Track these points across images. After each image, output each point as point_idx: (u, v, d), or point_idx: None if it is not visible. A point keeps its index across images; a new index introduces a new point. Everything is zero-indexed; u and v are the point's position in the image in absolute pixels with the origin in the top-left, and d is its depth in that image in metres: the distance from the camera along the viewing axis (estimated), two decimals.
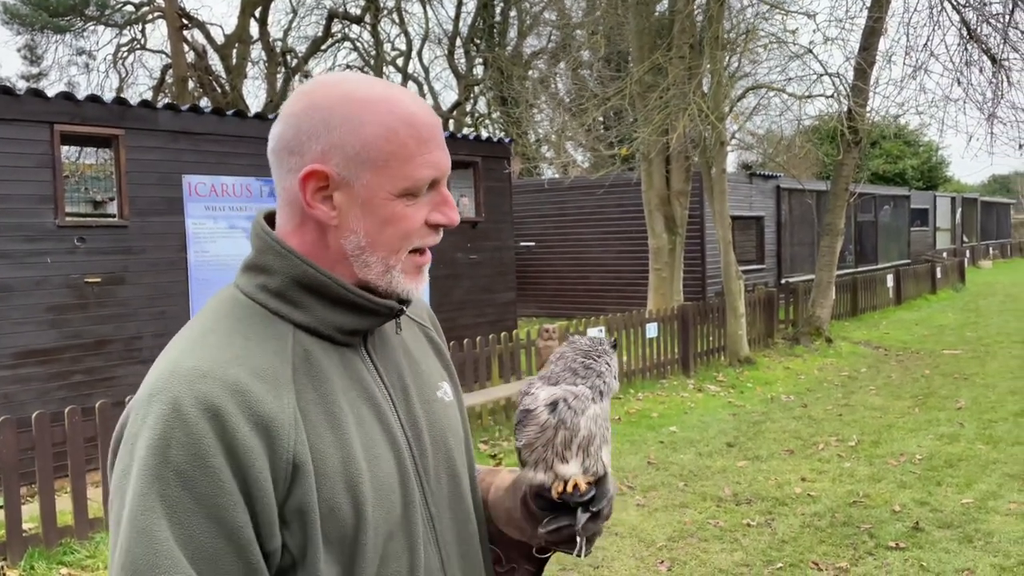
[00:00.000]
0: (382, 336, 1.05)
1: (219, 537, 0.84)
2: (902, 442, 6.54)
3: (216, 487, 0.84)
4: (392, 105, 0.96)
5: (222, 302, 0.99)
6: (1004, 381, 8.84)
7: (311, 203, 0.96)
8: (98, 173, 13.16)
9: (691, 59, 9.76)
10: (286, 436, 0.88)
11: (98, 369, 6.28)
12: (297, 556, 0.89)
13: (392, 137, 0.94)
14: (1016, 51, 11.02)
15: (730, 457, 6.26)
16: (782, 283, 14.78)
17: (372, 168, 0.95)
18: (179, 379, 0.87)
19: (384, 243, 0.97)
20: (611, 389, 1.06)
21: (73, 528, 4.58)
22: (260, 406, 0.87)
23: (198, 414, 0.84)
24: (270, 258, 0.97)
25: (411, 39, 24.17)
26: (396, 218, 0.96)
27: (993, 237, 33.18)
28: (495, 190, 10.34)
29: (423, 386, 1.08)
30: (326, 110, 0.95)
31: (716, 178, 10.14)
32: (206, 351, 0.91)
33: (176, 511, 0.83)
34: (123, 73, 22.09)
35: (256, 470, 0.86)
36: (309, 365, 0.95)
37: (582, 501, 1.02)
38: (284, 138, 0.97)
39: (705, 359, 9.81)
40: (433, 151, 0.97)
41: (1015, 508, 4.92)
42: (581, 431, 1.02)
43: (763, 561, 4.28)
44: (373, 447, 0.96)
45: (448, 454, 1.07)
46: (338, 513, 0.90)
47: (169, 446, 0.84)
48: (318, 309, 0.97)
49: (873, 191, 20.33)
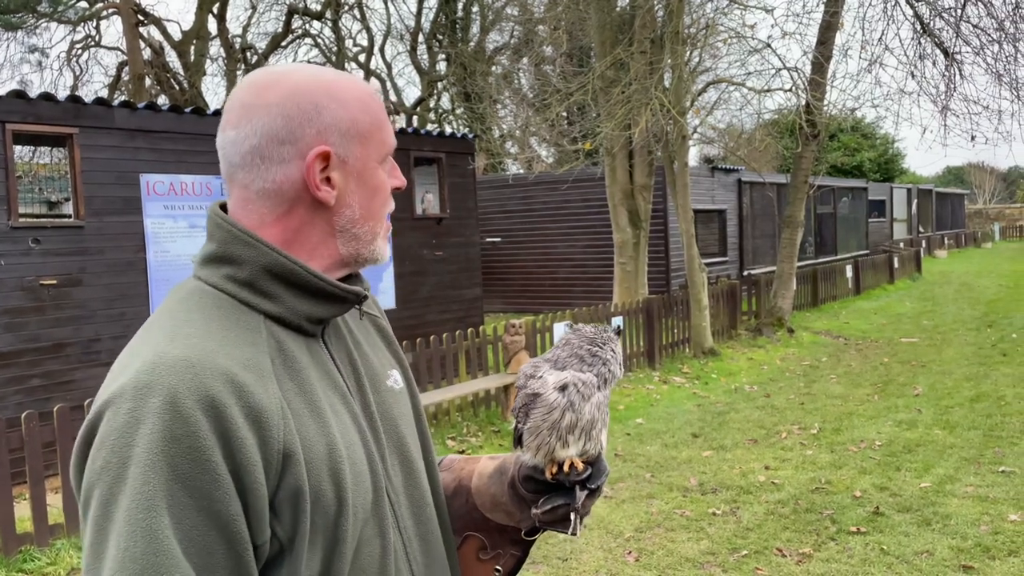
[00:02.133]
0: (335, 326, 1.05)
1: (212, 531, 0.83)
2: (862, 429, 6.67)
3: (213, 483, 0.83)
4: (353, 82, 1.02)
5: (189, 294, 0.97)
6: (960, 368, 9.06)
7: (320, 185, 0.97)
8: (53, 173, 12.88)
9: (652, 54, 9.83)
10: (276, 426, 0.88)
11: (56, 373, 6.15)
12: (285, 544, 0.89)
13: (367, 109, 1.00)
14: (968, 44, 11.29)
15: (695, 447, 6.33)
16: (744, 275, 14.96)
17: (361, 140, 1.00)
18: (169, 370, 0.85)
19: (373, 212, 1.02)
20: (615, 377, 1.08)
21: (33, 535, 4.49)
22: (252, 397, 0.87)
23: (195, 406, 0.83)
24: (237, 248, 0.96)
25: (373, 35, 24.00)
26: (380, 185, 1.03)
27: (948, 227, 33.93)
28: (459, 186, 10.32)
29: (374, 375, 1.08)
30: (309, 94, 0.97)
31: (678, 172, 10.23)
32: (189, 341, 0.88)
33: (175, 508, 0.82)
34: (77, 71, 21.61)
35: (250, 463, 0.85)
36: (284, 356, 0.95)
37: (579, 479, 1.04)
38: (271, 130, 0.96)
39: (670, 351, 9.91)
40: (387, 119, 1.04)
41: (971, 491, 5.05)
42: (585, 416, 1.04)
43: (729, 549, 4.34)
44: (347, 434, 0.97)
45: (401, 442, 1.08)
46: (323, 499, 0.91)
47: (169, 441, 0.82)
48: (288, 298, 0.96)
49: (832, 183, 20.66)
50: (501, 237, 15.65)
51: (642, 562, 4.24)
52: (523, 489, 1.08)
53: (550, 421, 1.03)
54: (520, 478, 1.07)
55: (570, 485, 1.04)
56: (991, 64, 11.20)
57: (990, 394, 7.64)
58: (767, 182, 15.12)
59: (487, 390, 7.31)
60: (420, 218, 9.81)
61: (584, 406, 1.04)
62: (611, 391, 1.09)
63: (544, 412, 1.04)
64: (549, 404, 1.04)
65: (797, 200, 11.82)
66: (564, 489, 1.05)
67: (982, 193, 53.17)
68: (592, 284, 14.25)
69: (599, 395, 1.05)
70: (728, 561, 4.19)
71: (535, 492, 1.07)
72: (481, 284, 10.71)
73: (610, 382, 1.07)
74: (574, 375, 1.05)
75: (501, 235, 15.65)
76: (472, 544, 1.19)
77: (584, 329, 1.10)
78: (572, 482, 1.04)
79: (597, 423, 1.05)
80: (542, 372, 1.07)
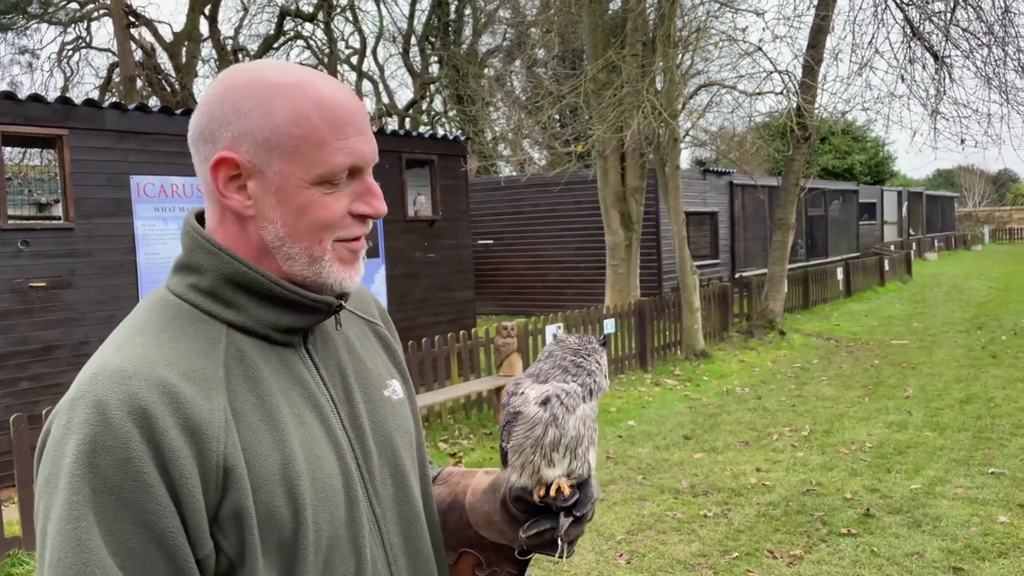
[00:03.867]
0: (323, 334, 1.03)
1: (150, 543, 0.81)
2: (853, 431, 6.69)
3: (145, 493, 0.81)
4: (306, 89, 0.92)
5: (152, 303, 0.96)
6: (950, 370, 9.10)
7: (224, 193, 0.92)
8: (43, 175, 12.82)
9: (644, 57, 9.86)
10: (215, 439, 0.85)
11: (45, 376, 6.12)
12: (236, 560, 0.87)
13: (303, 122, 0.90)
14: (957, 48, 11.35)
15: (687, 450, 6.34)
16: (736, 277, 15.01)
17: (283, 155, 0.91)
18: (104, 381, 0.84)
19: (303, 233, 0.93)
20: (601, 388, 1.03)
21: (21, 539, 4.46)
22: (189, 408, 0.84)
23: (124, 416, 0.81)
24: (200, 256, 0.95)
25: (365, 37, 24.00)
26: (313, 207, 0.92)
27: (938, 230, 34.10)
28: (452, 188, 10.32)
29: (368, 385, 1.05)
30: (236, 95, 0.92)
31: (670, 175, 10.25)
32: (133, 352, 0.87)
33: (106, 519, 0.80)
34: (68, 72, 21.54)
35: (185, 475, 0.83)
36: (244, 366, 0.92)
37: (565, 506, 1.00)
38: (199, 126, 0.94)
39: (662, 353, 9.92)
40: (351, 137, 0.93)
41: (961, 492, 5.07)
42: (570, 432, 0.99)
43: (720, 551, 4.34)
44: (314, 447, 0.94)
45: (394, 454, 1.05)
46: (276, 516, 0.88)
47: (96, 451, 0.80)
48: (251, 307, 0.94)
49: (823, 186, 20.75)
50: (493, 239, 15.66)
51: (633, 564, 4.24)
52: (514, 509, 1.04)
53: (532, 438, 0.99)
54: (511, 498, 1.03)
55: (556, 510, 1.00)
56: (980, 67, 11.28)
57: (980, 396, 7.68)
58: (759, 185, 15.18)
59: (479, 392, 7.30)
60: (412, 220, 9.80)
61: (568, 419, 0.99)
62: (598, 404, 1.04)
63: (526, 429, 0.99)
64: (531, 420, 0.99)
65: (788, 203, 11.87)
66: (552, 511, 1.00)
67: (972, 196, 53.46)
68: (584, 286, 14.27)
69: (584, 407, 1.00)
70: (719, 563, 4.20)
71: (526, 512, 1.03)
72: (473, 286, 10.72)
73: (596, 394, 1.02)
74: (556, 386, 1.00)
75: (493, 237, 15.66)
76: (468, 561, 1.15)
77: (568, 340, 1.06)
78: (557, 507, 1.00)
79: (583, 440, 1.00)
80: (523, 388, 1.02)
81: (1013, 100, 11.21)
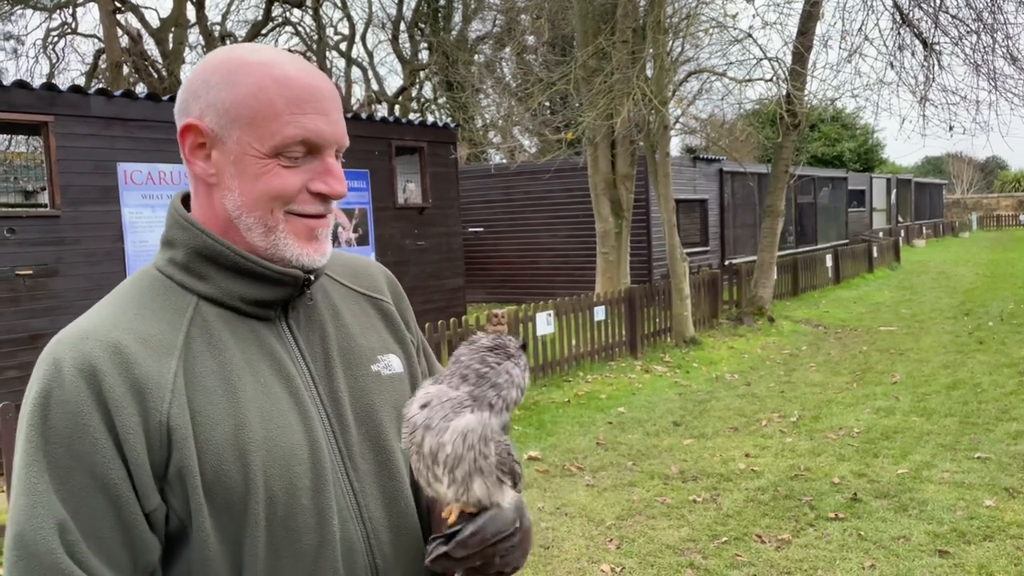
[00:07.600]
0: (307, 309, 1.05)
1: (97, 492, 0.87)
2: (841, 416, 6.74)
3: (91, 444, 0.87)
4: (271, 67, 0.97)
5: (134, 277, 1.03)
6: (937, 356, 9.17)
7: (191, 159, 0.99)
8: (28, 162, 12.70)
9: (634, 43, 9.83)
10: (159, 399, 0.90)
11: (32, 364, 6.06)
12: (184, 519, 0.91)
13: (259, 95, 0.95)
14: (946, 35, 11.37)
15: (677, 436, 6.37)
16: (726, 264, 15.05)
17: (241, 125, 0.96)
18: (63, 343, 0.92)
19: (256, 202, 0.97)
20: (507, 401, 0.91)
21: None
22: (137, 369, 0.90)
23: (76, 374, 0.89)
24: (175, 231, 1.01)
25: (354, 23, 23.84)
26: (266, 176, 0.96)
27: (926, 217, 34.26)
28: (442, 176, 10.29)
29: (353, 360, 1.06)
30: (209, 71, 0.98)
31: (660, 162, 10.25)
32: (97, 317, 0.95)
33: (57, 467, 0.87)
34: (54, 58, 21.34)
35: (128, 430, 0.88)
36: (209, 335, 0.97)
37: (446, 533, 0.93)
38: (178, 103, 1.01)
39: (652, 340, 9.95)
40: (307, 113, 0.96)
41: (948, 477, 5.12)
42: (447, 446, 0.88)
43: (709, 536, 4.37)
44: (278, 418, 0.96)
45: (376, 429, 1.05)
46: (225, 480, 0.91)
47: (49, 405, 0.88)
48: (219, 279, 0.99)
49: (812, 173, 20.80)
50: (483, 227, 15.64)
51: (623, 549, 4.26)
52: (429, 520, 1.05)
53: (414, 443, 0.91)
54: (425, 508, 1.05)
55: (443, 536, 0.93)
56: (969, 55, 11.29)
57: (966, 381, 7.74)
58: (748, 172, 15.20)
59: None
60: (402, 207, 9.78)
61: (445, 429, 0.88)
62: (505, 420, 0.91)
63: (408, 431, 0.92)
64: (411, 423, 0.92)
65: (778, 190, 11.89)
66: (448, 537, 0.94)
67: (960, 183, 53.69)
68: (574, 274, 14.28)
69: (470, 419, 0.88)
70: (708, 548, 4.23)
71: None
72: (463, 274, 10.71)
73: (498, 409, 0.90)
74: (437, 389, 0.91)
75: (483, 225, 15.64)
76: None
77: (479, 342, 0.94)
78: (444, 533, 0.93)
79: (463, 461, 0.87)
80: (419, 390, 0.95)
81: (1001, 87, 11.24)
